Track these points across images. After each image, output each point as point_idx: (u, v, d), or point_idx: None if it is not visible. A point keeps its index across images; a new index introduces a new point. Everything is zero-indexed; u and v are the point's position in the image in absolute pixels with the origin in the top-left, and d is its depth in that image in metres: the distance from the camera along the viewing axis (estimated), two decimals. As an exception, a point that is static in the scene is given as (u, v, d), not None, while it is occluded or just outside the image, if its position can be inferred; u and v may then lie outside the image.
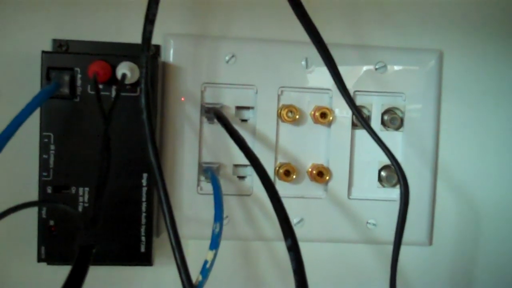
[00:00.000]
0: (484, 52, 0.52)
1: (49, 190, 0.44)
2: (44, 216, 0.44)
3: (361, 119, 0.42)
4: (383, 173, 0.51)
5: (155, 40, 0.40)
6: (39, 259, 0.44)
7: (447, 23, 0.52)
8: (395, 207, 0.42)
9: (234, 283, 0.52)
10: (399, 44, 0.51)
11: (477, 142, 0.52)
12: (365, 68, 0.50)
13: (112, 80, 0.43)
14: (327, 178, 0.49)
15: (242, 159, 0.44)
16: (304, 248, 0.33)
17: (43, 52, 0.43)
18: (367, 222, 0.51)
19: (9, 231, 0.48)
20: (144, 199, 0.45)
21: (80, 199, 0.44)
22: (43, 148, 0.43)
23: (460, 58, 0.52)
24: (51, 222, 0.44)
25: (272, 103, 0.49)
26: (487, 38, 0.52)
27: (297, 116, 0.48)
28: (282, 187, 0.49)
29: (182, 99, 0.48)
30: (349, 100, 0.41)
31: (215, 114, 0.46)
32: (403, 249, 0.43)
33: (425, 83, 0.50)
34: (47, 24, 0.47)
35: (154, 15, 0.36)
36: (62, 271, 0.32)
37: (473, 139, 0.52)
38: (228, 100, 0.49)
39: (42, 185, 0.44)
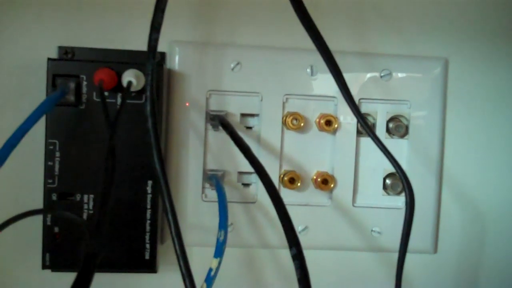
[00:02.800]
0: (489, 60, 0.52)
1: (54, 197, 0.44)
2: (48, 223, 0.44)
3: (366, 127, 0.42)
4: (388, 181, 0.51)
5: (161, 47, 0.40)
6: (44, 266, 0.44)
7: (452, 31, 0.51)
8: (400, 215, 0.42)
9: (239, 290, 0.52)
10: (404, 52, 0.51)
11: (482, 150, 0.52)
12: (370, 75, 0.50)
13: (117, 87, 0.43)
14: (332, 185, 0.49)
15: (246, 166, 0.44)
16: (309, 256, 0.32)
17: (49, 59, 0.43)
18: (372, 230, 0.50)
19: (14, 238, 0.48)
20: (148, 206, 0.45)
21: (85, 206, 0.44)
22: (48, 155, 0.44)
23: (465, 65, 0.52)
24: (56, 229, 0.44)
25: (277, 111, 0.49)
26: (492, 46, 0.52)
27: (302, 124, 0.48)
28: (286, 195, 0.49)
29: (187, 104, 0.48)
30: (354, 107, 0.41)
31: (220, 121, 0.46)
32: (408, 257, 0.42)
33: (430, 90, 0.50)
34: (53, 31, 0.48)
35: (160, 23, 0.36)
36: (67, 278, 0.32)
37: (478, 147, 0.52)
38: (233, 107, 0.49)
39: (47, 192, 0.44)
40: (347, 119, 0.49)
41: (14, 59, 0.47)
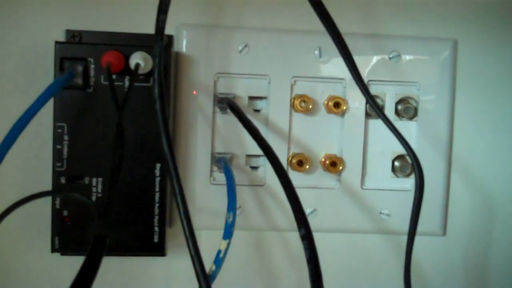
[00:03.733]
0: (499, 41, 0.51)
1: (62, 180, 0.44)
2: (57, 206, 0.44)
3: (376, 108, 0.41)
4: (396, 163, 0.50)
5: (168, 30, 0.40)
6: (53, 250, 0.44)
7: (462, 12, 0.51)
8: (409, 197, 0.42)
9: (247, 272, 0.52)
10: (413, 33, 0.51)
11: (491, 132, 0.52)
12: (379, 57, 0.49)
13: (125, 70, 0.43)
14: (340, 168, 0.49)
15: (255, 149, 0.44)
16: (317, 239, 0.32)
17: (56, 42, 0.43)
18: (381, 212, 0.50)
19: (22, 221, 0.48)
20: (157, 189, 0.45)
21: (94, 189, 0.44)
22: (57, 138, 0.44)
23: (475, 47, 0.51)
24: (65, 213, 0.44)
25: (285, 93, 0.49)
26: (502, 27, 0.51)
27: (310, 106, 0.48)
28: (295, 177, 0.48)
29: (194, 92, 0.48)
30: (364, 89, 0.41)
31: (228, 104, 0.46)
32: (416, 240, 0.42)
33: (440, 72, 0.50)
34: (60, 15, 0.48)
35: (168, 5, 0.36)
36: (76, 261, 0.32)
37: (487, 129, 0.52)
38: (241, 90, 0.49)
39: (55, 176, 0.44)
40: (356, 102, 0.49)
41: (21, 43, 0.47)
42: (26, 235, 0.49)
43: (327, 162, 0.49)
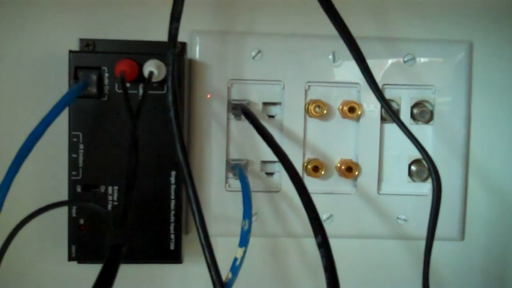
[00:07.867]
0: (515, 43, 0.51)
1: (78, 189, 0.44)
2: (74, 215, 0.44)
3: (391, 112, 0.41)
4: (413, 168, 0.50)
5: (181, 37, 0.40)
6: (70, 258, 0.45)
7: (477, 13, 0.51)
8: (426, 202, 0.42)
9: (264, 280, 0.52)
10: (428, 36, 0.50)
11: (509, 135, 0.52)
12: (393, 61, 0.49)
13: (139, 78, 0.43)
14: (356, 173, 0.49)
15: (270, 155, 0.44)
16: (334, 244, 0.32)
17: (70, 51, 0.43)
18: (398, 218, 0.50)
19: (40, 231, 0.49)
20: (172, 197, 0.45)
21: (109, 197, 0.44)
22: (72, 147, 0.44)
23: (490, 49, 0.51)
24: (81, 221, 0.44)
25: (300, 99, 0.49)
26: (518, 28, 0.51)
27: (325, 111, 0.48)
28: (310, 183, 0.48)
29: (208, 96, 0.48)
30: (379, 93, 0.40)
31: (242, 110, 0.46)
32: (434, 244, 0.42)
33: (455, 75, 0.49)
34: (73, 24, 0.48)
35: (180, 12, 0.36)
36: (93, 270, 0.32)
37: (504, 132, 0.51)
38: (255, 96, 0.49)
39: (71, 184, 0.44)
40: (371, 106, 0.49)
41: (36, 52, 0.48)
42: (43, 244, 0.49)
43: (343, 167, 0.49)
